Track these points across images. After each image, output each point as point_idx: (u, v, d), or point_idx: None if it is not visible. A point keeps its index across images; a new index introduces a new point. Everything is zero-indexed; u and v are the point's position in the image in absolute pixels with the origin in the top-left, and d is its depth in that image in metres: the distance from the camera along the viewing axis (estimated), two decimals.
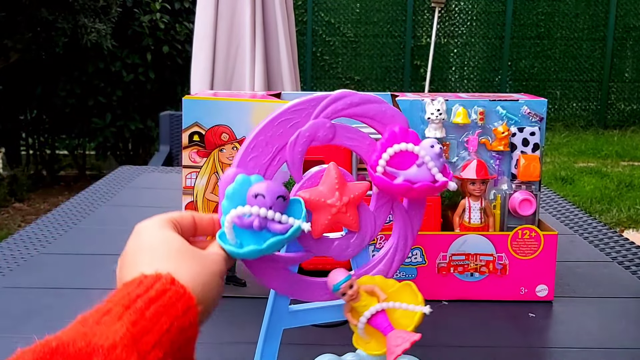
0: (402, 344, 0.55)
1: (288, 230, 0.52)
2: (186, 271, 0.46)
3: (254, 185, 0.53)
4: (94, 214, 1.37)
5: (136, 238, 0.50)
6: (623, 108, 7.00)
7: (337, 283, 0.58)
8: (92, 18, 3.73)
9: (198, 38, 2.44)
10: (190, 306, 0.43)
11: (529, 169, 0.92)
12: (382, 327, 0.58)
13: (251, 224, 0.51)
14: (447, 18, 6.90)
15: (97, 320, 0.39)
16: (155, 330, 0.40)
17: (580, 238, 1.23)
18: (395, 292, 0.59)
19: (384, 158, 0.57)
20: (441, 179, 0.57)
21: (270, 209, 0.52)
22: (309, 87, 6.85)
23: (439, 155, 0.57)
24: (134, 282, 0.43)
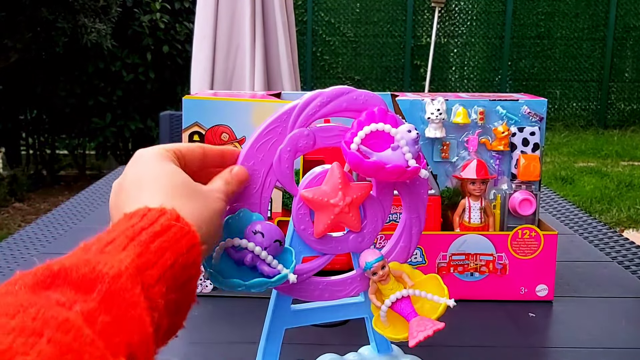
0: (425, 330, 0.56)
1: (275, 275, 0.53)
2: (190, 208, 0.45)
3: (256, 222, 0.54)
4: (94, 214, 1.37)
5: (136, 166, 0.48)
6: (623, 108, 7.00)
7: (370, 262, 0.58)
8: (92, 18, 3.73)
9: (198, 38, 2.44)
10: (194, 244, 0.43)
11: (529, 168, 0.92)
12: (406, 312, 0.58)
13: (243, 258, 0.52)
14: (447, 18, 6.90)
15: (100, 249, 0.38)
16: (159, 264, 0.39)
17: (580, 238, 1.23)
18: (422, 282, 0.60)
19: (360, 136, 0.55)
20: (413, 165, 0.55)
21: (265, 249, 0.52)
22: (309, 87, 6.86)
23: (415, 142, 0.56)
24: (137, 213, 0.42)
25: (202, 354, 0.78)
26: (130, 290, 0.36)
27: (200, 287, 0.92)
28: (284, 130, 0.57)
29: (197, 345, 0.79)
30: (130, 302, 0.36)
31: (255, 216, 0.55)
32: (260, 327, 0.61)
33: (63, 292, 0.34)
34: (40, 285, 0.34)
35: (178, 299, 0.41)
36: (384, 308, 0.59)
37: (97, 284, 0.35)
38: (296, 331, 0.63)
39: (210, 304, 0.90)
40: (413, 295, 0.59)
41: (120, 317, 0.35)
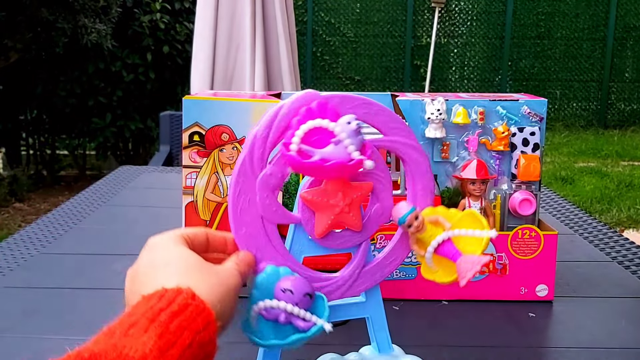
0: (473, 267, 0.55)
1: (310, 328, 0.54)
2: (204, 286, 0.47)
3: (283, 279, 0.55)
4: (94, 214, 1.37)
5: (150, 253, 0.51)
6: (623, 108, 7.00)
7: (403, 216, 0.58)
8: (92, 18, 3.73)
9: (198, 38, 2.44)
10: (210, 321, 0.44)
11: (529, 168, 0.92)
12: (450, 254, 0.58)
13: (277, 317, 0.54)
14: (447, 18, 6.90)
15: (124, 332, 0.40)
16: (179, 344, 0.41)
17: (580, 238, 1.23)
18: (459, 220, 0.59)
19: (298, 135, 0.53)
20: (356, 157, 0.53)
21: (296, 305, 0.54)
22: (309, 87, 6.81)
23: (357, 132, 0.54)
24: (155, 295, 0.44)
25: None
26: None
27: None
28: (249, 181, 0.56)
29: None
30: None
31: (283, 270, 0.56)
32: None
33: None
34: None
35: None
36: (428, 255, 0.58)
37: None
38: None
39: None
40: (453, 236, 0.58)
41: None
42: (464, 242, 0.58)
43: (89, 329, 0.88)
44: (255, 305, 0.54)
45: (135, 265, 0.51)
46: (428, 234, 0.59)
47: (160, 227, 0.52)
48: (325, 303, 0.56)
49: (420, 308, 0.90)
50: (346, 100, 0.58)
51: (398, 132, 0.60)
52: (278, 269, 0.56)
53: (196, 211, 0.90)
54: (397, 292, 0.92)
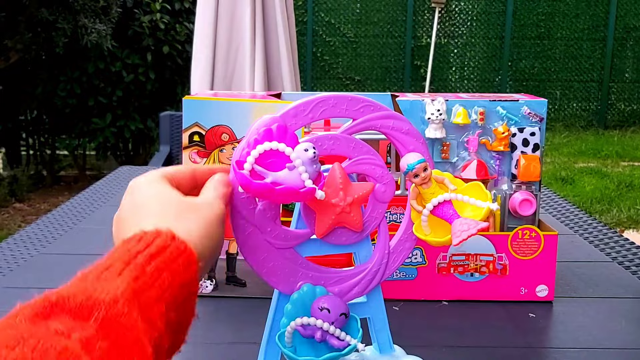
0: (469, 229, 0.55)
1: (345, 347, 0.55)
2: (185, 226, 0.45)
3: (321, 298, 0.57)
4: (94, 214, 1.37)
5: (130, 195, 0.49)
6: (623, 108, 7.00)
7: (412, 163, 0.58)
8: (92, 18, 3.73)
9: (198, 38, 2.44)
10: (191, 262, 0.43)
11: (529, 169, 0.92)
12: (448, 215, 0.57)
13: (313, 334, 0.56)
14: (447, 18, 6.91)
15: (97, 276, 0.39)
16: (156, 285, 0.40)
17: (581, 238, 1.23)
18: (464, 189, 0.59)
19: (253, 155, 0.52)
20: (309, 186, 0.53)
21: (332, 323, 0.55)
22: (309, 87, 6.86)
23: (313, 161, 0.53)
24: (133, 238, 0.43)
25: (202, 354, 0.78)
26: (127, 315, 0.37)
27: (200, 287, 0.92)
28: (244, 214, 0.56)
29: (197, 345, 0.79)
30: (128, 326, 0.36)
31: (319, 290, 0.58)
32: (261, 327, 0.61)
33: (61, 321, 0.35)
34: (39, 316, 0.35)
35: (178, 316, 0.42)
36: (426, 212, 0.58)
37: (94, 311, 0.36)
38: None
39: (211, 304, 0.90)
40: (455, 199, 0.58)
41: (118, 342, 0.35)
42: (464, 209, 0.58)
43: None
44: (293, 322, 0.56)
45: (118, 210, 0.50)
46: (430, 190, 0.58)
47: None
48: (358, 324, 0.58)
49: (420, 308, 0.90)
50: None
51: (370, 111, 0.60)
52: (315, 288, 0.58)
53: None
54: (397, 292, 0.92)
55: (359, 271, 0.61)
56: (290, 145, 0.53)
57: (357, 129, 0.59)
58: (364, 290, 0.61)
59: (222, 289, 0.92)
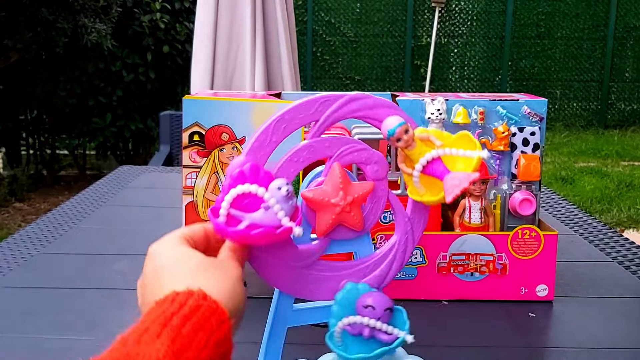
0: (461, 183, 0.54)
1: (394, 341, 0.57)
2: (214, 285, 0.47)
3: (365, 296, 0.57)
4: (94, 214, 1.37)
5: (154, 259, 0.50)
6: (623, 108, 7.00)
7: (393, 127, 0.56)
8: (93, 18, 3.73)
9: (198, 38, 2.44)
10: (223, 320, 0.44)
11: (529, 168, 0.92)
12: (438, 172, 0.56)
13: (361, 332, 0.57)
14: (447, 18, 6.90)
15: (137, 340, 0.40)
16: (193, 346, 0.41)
17: (581, 238, 1.23)
18: (452, 142, 0.57)
19: (227, 200, 0.52)
20: (286, 224, 0.52)
21: (378, 319, 0.56)
22: (309, 87, 6.86)
23: (287, 198, 0.53)
24: (166, 300, 0.44)
25: None
26: None
27: None
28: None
29: None
30: None
31: (362, 287, 0.58)
32: (261, 326, 0.61)
33: None
34: None
35: None
36: (416, 173, 0.57)
37: None
38: (297, 331, 0.63)
39: None
40: (444, 155, 0.56)
41: None
42: (453, 162, 0.56)
43: (89, 329, 0.88)
44: (340, 322, 0.57)
45: (142, 276, 0.51)
46: (417, 151, 0.57)
47: (161, 227, 0.52)
48: (405, 316, 0.59)
49: (420, 308, 0.90)
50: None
51: None
52: (357, 285, 0.58)
53: (196, 211, 0.90)
54: (397, 292, 0.92)
55: (386, 251, 0.61)
56: (263, 184, 0.53)
57: (324, 127, 0.58)
58: (401, 265, 0.61)
59: None
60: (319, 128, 0.58)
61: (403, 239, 0.62)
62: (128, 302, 0.92)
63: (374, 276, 0.61)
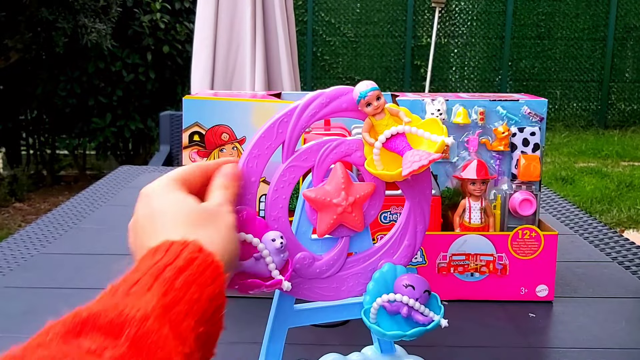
0: (421, 159, 0.53)
1: (429, 322, 0.57)
2: (208, 235, 0.45)
3: (405, 275, 0.58)
4: (94, 214, 1.37)
5: (147, 202, 0.49)
6: (623, 108, 7.00)
7: (364, 90, 0.55)
8: (92, 18, 3.73)
9: (198, 38, 2.44)
10: (218, 274, 0.43)
11: (529, 169, 0.92)
12: (400, 147, 0.55)
13: (399, 310, 0.57)
14: (447, 18, 6.90)
15: (126, 291, 0.39)
16: (185, 299, 0.40)
17: (581, 238, 1.23)
18: (421, 125, 0.57)
19: None
20: (276, 277, 0.54)
21: (417, 300, 0.57)
22: (309, 87, 6.86)
23: (280, 251, 0.54)
24: (160, 248, 0.43)
25: None
26: (158, 331, 0.37)
27: None
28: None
29: None
30: (159, 343, 0.36)
31: (399, 269, 0.59)
32: (261, 327, 0.61)
33: (93, 338, 0.35)
34: (70, 334, 0.35)
35: (207, 330, 0.42)
36: (378, 144, 0.55)
37: (125, 328, 0.36)
38: (297, 331, 0.63)
39: None
40: (409, 132, 0.55)
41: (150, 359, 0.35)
42: (418, 142, 0.56)
43: None
44: (379, 298, 0.57)
45: (133, 217, 0.49)
46: (384, 122, 0.56)
47: None
48: (439, 301, 0.59)
49: None
50: None
51: None
52: (395, 267, 0.59)
53: None
54: None
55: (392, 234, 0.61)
56: (257, 232, 0.54)
57: (291, 149, 0.57)
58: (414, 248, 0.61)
59: None
60: (289, 152, 0.57)
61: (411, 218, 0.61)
62: None
63: (405, 247, 0.61)
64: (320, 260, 0.59)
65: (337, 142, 0.58)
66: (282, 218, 0.57)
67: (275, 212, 0.57)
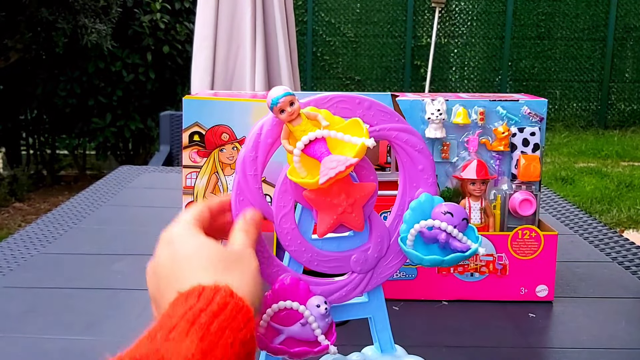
0: (337, 166, 0.52)
1: (467, 250, 0.56)
2: (238, 279, 0.46)
3: (443, 203, 0.58)
4: (94, 214, 1.37)
5: (170, 247, 0.49)
6: (623, 108, 7.00)
7: (276, 97, 0.53)
8: (93, 18, 3.73)
9: (198, 38, 2.44)
10: (249, 318, 0.44)
11: (529, 169, 0.92)
12: (319, 153, 0.54)
13: (436, 236, 0.56)
14: (447, 18, 6.90)
15: (165, 337, 0.40)
16: (220, 344, 0.41)
17: (580, 238, 1.23)
18: (342, 127, 0.55)
19: (268, 314, 0.55)
20: (323, 343, 0.56)
21: (455, 227, 0.56)
22: (309, 87, 6.86)
23: (325, 316, 0.56)
24: (192, 293, 0.44)
25: None
26: None
27: None
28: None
29: None
30: None
31: (436, 199, 0.58)
32: None
33: None
34: None
35: None
36: (297, 151, 0.53)
37: None
38: None
39: None
40: (328, 136, 0.54)
41: None
42: (339, 147, 0.54)
43: (89, 329, 0.88)
44: (417, 224, 0.56)
45: (154, 261, 0.50)
46: (302, 128, 0.54)
47: (161, 227, 0.52)
48: (476, 232, 0.58)
49: (420, 308, 0.90)
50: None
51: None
52: (432, 197, 0.58)
53: None
54: (397, 292, 0.92)
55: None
56: (301, 298, 0.56)
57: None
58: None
59: None
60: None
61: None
62: (127, 302, 0.92)
63: None
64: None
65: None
66: (294, 230, 0.58)
67: (287, 224, 0.57)
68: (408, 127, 0.59)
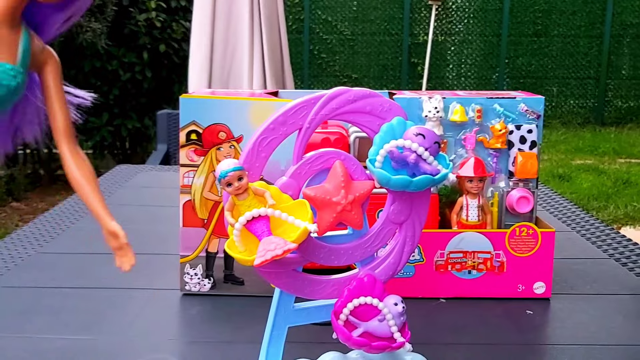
0: (275, 249, 0.51)
1: (437, 173, 0.55)
2: None
3: (416, 126, 0.57)
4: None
5: None
6: (620, 105, 7.01)
7: (225, 170, 0.53)
8: (88, 17, 3.72)
9: (195, 36, 2.44)
10: None
11: (526, 166, 0.92)
12: (260, 231, 0.54)
13: (406, 157, 0.55)
14: (444, 15, 6.91)
15: None
16: None
17: (578, 235, 1.23)
18: (288, 207, 0.55)
19: (348, 308, 0.59)
20: (399, 340, 0.60)
21: (427, 150, 0.55)
22: (306, 85, 6.85)
23: (401, 314, 0.60)
24: None
25: (201, 354, 0.78)
26: None
27: (199, 285, 0.92)
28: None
29: (196, 344, 0.79)
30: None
31: (409, 124, 0.58)
32: (260, 326, 0.61)
33: None
34: None
35: None
36: (238, 226, 0.53)
37: None
38: (297, 330, 0.63)
39: (208, 303, 0.90)
40: (272, 216, 0.54)
41: None
42: (281, 228, 0.54)
43: (87, 329, 0.88)
44: (387, 144, 0.55)
45: None
46: (247, 203, 0.54)
47: (158, 226, 0.52)
48: (447, 159, 0.58)
49: (418, 306, 0.90)
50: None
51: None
52: (405, 122, 0.58)
53: (194, 210, 0.90)
54: (394, 290, 0.92)
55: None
56: (378, 295, 0.60)
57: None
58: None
59: (219, 288, 0.92)
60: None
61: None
62: (126, 302, 0.92)
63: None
64: None
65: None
66: None
67: None
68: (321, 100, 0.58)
